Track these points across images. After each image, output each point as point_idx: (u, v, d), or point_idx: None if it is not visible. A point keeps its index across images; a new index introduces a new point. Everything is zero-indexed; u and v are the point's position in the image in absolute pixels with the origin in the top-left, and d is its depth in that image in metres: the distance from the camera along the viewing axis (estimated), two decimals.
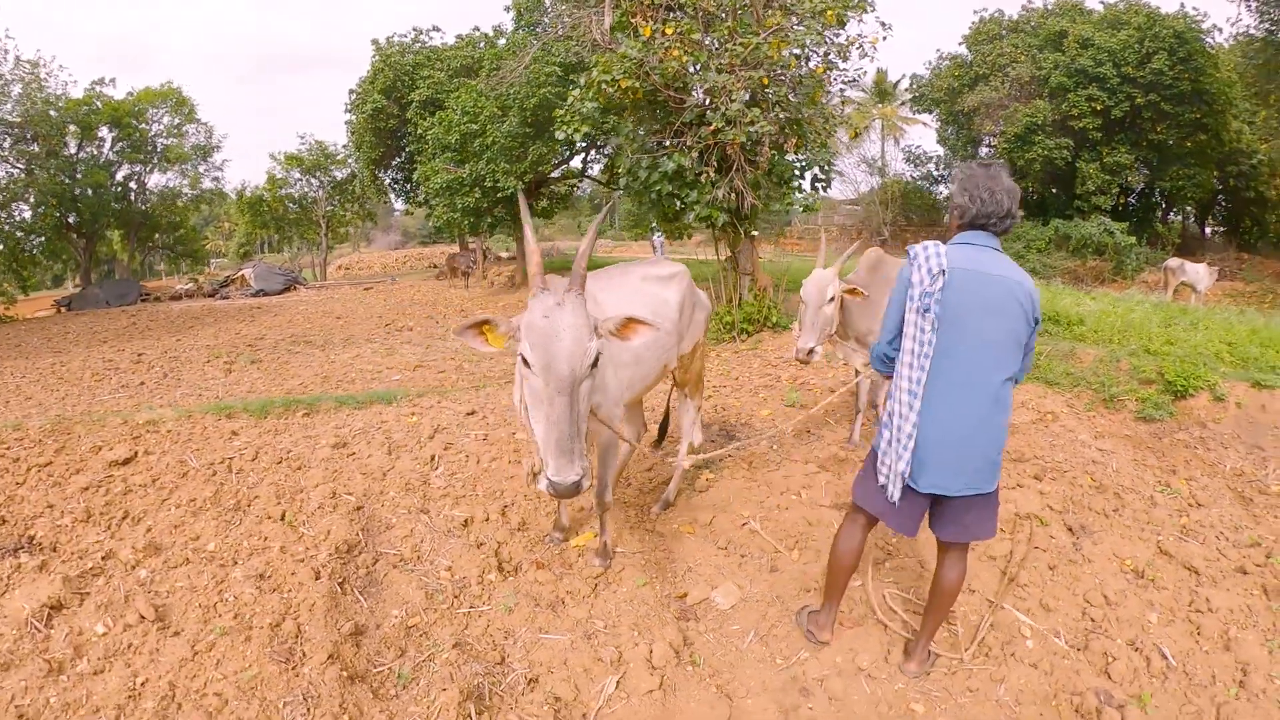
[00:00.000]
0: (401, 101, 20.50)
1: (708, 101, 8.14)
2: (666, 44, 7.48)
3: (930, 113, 27.05)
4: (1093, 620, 3.15)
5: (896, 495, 2.48)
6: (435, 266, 28.20)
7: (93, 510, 3.69)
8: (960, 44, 25.45)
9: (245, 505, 3.98)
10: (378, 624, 2.95)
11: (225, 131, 30.02)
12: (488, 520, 4.02)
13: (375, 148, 21.92)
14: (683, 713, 2.61)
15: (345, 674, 2.54)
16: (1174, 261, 14.43)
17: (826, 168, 9.40)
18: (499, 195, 15.53)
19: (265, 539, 3.58)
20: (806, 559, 3.60)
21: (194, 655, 2.64)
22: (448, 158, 15.83)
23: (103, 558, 3.28)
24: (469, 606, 3.14)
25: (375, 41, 21.59)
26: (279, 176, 27.55)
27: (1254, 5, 18.16)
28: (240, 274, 25.52)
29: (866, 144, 29.81)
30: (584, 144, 17.28)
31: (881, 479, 2.53)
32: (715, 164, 8.57)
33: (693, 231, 13.85)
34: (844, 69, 8.33)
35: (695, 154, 8.58)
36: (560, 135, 8.84)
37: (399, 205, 39.11)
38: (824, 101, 8.38)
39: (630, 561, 3.59)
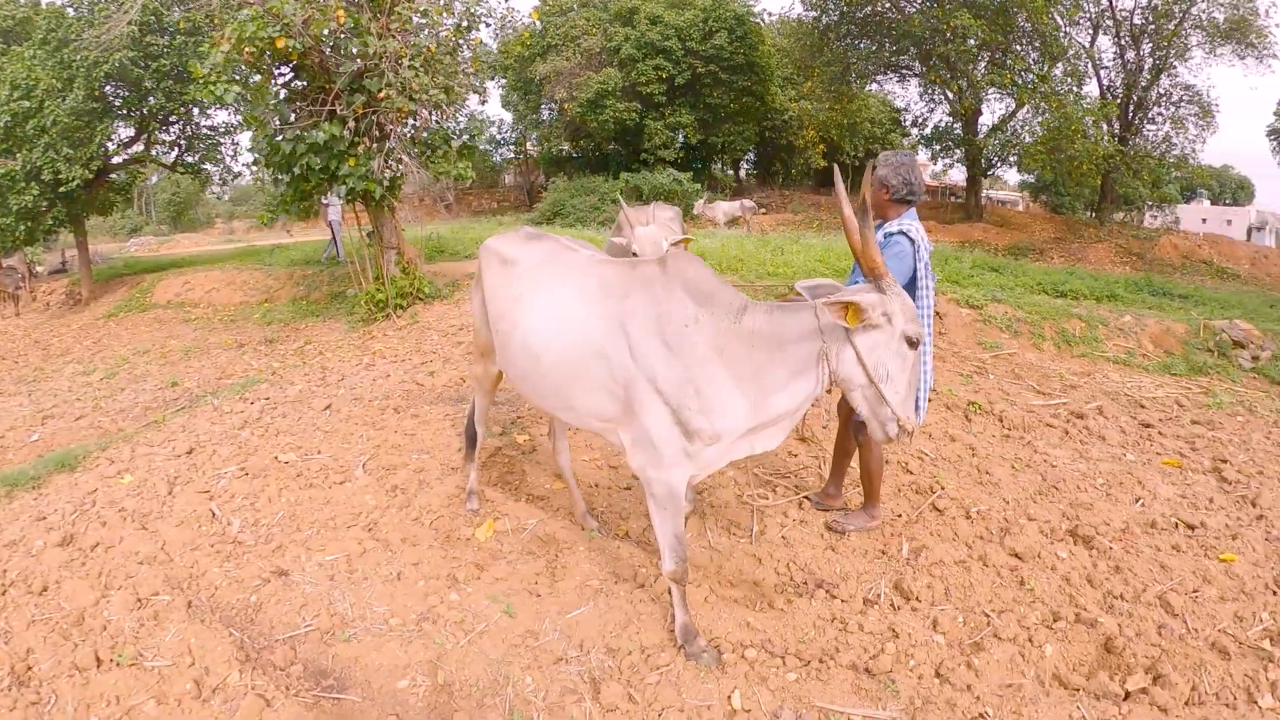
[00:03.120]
0: None
1: (360, 65, 7.03)
2: (326, 3, 6.16)
3: (494, 79, 26.37)
4: None
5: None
6: None
7: None
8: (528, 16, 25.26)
9: (23, 672, 2.51)
10: (400, 712, 2.29)
11: None
12: (366, 552, 3.28)
13: None
14: (734, 603, 2.79)
15: None
16: (728, 204, 16.85)
17: (477, 134, 8.98)
18: (60, 190, 11.23)
19: (119, 700, 2.35)
20: None
21: None
22: None
23: None
24: (466, 635, 2.63)
25: None
26: None
27: None
28: None
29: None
30: (152, 118, 13.13)
31: None
32: (376, 133, 7.57)
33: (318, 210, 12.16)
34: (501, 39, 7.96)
35: (350, 123, 7.42)
36: (206, 98, 6.73)
37: None
38: (477, 71, 7.96)
39: (553, 527, 3.40)
